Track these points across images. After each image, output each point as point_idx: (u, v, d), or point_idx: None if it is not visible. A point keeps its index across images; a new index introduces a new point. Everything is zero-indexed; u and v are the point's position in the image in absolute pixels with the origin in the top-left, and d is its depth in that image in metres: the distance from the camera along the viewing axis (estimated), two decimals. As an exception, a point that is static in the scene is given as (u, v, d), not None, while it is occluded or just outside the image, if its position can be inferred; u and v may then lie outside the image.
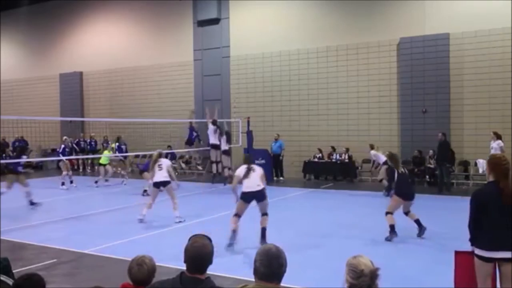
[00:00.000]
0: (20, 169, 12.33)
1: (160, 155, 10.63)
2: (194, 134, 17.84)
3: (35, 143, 21.36)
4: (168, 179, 10.20)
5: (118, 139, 18.07)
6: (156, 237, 8.77)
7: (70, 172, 16.26)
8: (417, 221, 8.53)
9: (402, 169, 8.73)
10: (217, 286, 2.75)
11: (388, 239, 8.34)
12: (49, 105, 24.75)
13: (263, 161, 15.63)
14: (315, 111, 18.24)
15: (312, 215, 11.06)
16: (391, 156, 9.05)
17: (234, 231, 7.94)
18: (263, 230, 8.02)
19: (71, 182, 16.01)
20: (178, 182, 10.72)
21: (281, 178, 17.42)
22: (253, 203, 8.14)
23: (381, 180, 13.71)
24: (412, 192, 8.70)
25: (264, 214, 8.15)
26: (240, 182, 8.09)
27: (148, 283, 3.07)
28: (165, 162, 10.46)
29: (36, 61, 25.97)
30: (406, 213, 8.69)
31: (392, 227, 8.42)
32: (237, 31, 19.78)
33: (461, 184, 15.43)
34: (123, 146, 18.32)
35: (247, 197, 8.04)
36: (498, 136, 13.04)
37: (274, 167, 17.26)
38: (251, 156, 9.20)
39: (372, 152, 14.65)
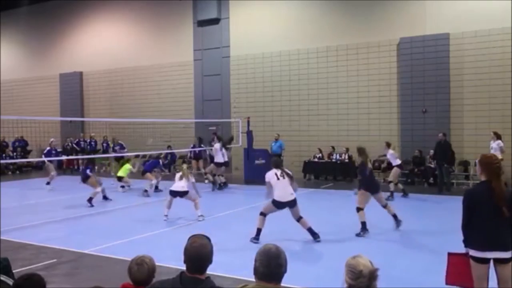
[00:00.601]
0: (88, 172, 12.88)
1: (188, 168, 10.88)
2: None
3: (35, 143, 21.36)
4: (185, 189, 10.14)
5: (113, 140, 17.98)
6: (156, 237, 8.76)
7: (55, 173, 16.14)
8: (395, 215, 9.07)
9: (369, 164, 9.23)
10: (217, 286, 2.75)
11: (359, 235, 8.60)
12: (49, 105, 24.75)
13: (263, 161, 15.62)
14: (315, 111, 18.24)
15: (312, 215, 11.01)
16: (363, 151, 9.13)
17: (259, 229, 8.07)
18: (310, 230, 8.13)
19: (48, 183, 15.77)
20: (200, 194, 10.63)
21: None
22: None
23: (390, 182, 13.11)
24: (378, 185, 9.23)
25: (300, 218, 8.17)
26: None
27: (148, 283, 3.07)
28: (191, 179, 10.35)
29: (36, 61, 25.97)
30: (384, 206, 9.17)
31: (363, 224, 8.75)
32: (237, 31, 19.78)
33: (461, 184, 15.43)
34: (116, 147, 18.25)
35: (279, 205, 8.09)
36: (498, 136, 13.03)
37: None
38: (279, 159, 8.94)
39: (390, 151, 13.43)
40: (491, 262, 4.18)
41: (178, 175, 10.43)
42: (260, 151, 16.77)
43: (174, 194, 10.15)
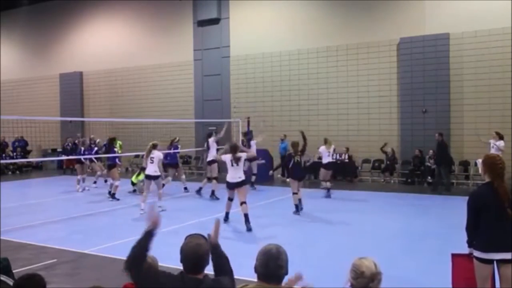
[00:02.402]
0: (117, 161, 13.57)
1: (154, 147, 10.85)
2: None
3: (35, 143, 21.36)
4: (158, 173, 10.72)
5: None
6: (156, 237, 8.74)
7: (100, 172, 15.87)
8: (300, 200, 10.83)
9: (298, 158, 10.82)
10: (216, 279, 2.74)
11: (295, 213, 10.65)
12: (49, 105, 24.74)
13: (263, 161, 15.60)
14: (315, 111, 18.24)
15: (311, 215, 11.05)
16: (294, 144, 11.04)
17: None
18: (246, 216, 9.09)
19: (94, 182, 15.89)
20: (168, 177, 11.25)
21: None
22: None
23: (322, 181, 14.03)
24: (303, 175, 11.16)
25: (242, 202, 9.18)
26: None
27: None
28: (157, 156, 10.78)
29: (36, 61, 25.96)
30: (296, 192, 10.78)
31: (296, 206, 10.78)
32: (237, 31, 19.78)
33: (461, 184, 15.44)
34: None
35: (229, 185, 9.46)
36: (501, 137, 13.05)
37: (282, 168, 16.61)
38: (235, 145, 9.87)
39: (322, 147, 13.64)
40: (495, 263, 4.18)
41: (148, 158, 10.80)
42: (260, 151, 16.73)
43: (149, 178, 10.77)
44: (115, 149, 13.73)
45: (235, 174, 9.31)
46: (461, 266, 4.34)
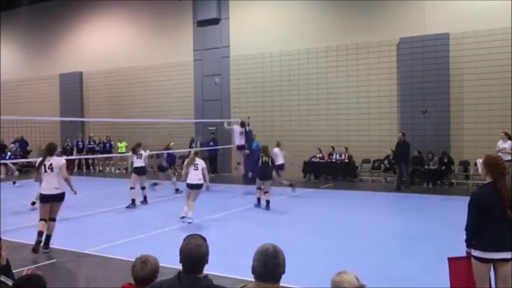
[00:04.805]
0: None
1: (196, 155, 10.37)
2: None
3: (35, 143, 21.32)
4: (201, 182, 10.00)
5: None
6: (156, 237, 8.76)
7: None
8: (268, 202, 11.47)
9: (266, 158, 11.97)
10: (215, 284, 2.74)
11: (256, 206, 11.65)
12: (49, 105, 24.73)
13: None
14: (315, 111, 18.24)
15: (312, 215, 11.06)
16: (264, 147, 12.54)
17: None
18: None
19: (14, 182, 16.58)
20: (208, 184, 10.38)
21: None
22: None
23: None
24: (268, 175, 11.90)
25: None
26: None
27: (149, 283, 3.07)
28: (201, 163, 10.17)
29: (36, 61, 25.96)
30: (265, 192, 11.61)
31: (259, 200, 11.74)
32: (237, 31, 19.78)
33: (461, 184, 15.44)
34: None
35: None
36: (510, 137, 13.12)
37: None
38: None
39: (275, 148, 14.59)
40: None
41: (192, 165, 10.08)
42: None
43: (191, 187, 10.00)
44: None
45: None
46: (459, 269, 4.33)
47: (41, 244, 7.66)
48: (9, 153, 19.13)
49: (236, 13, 19.80)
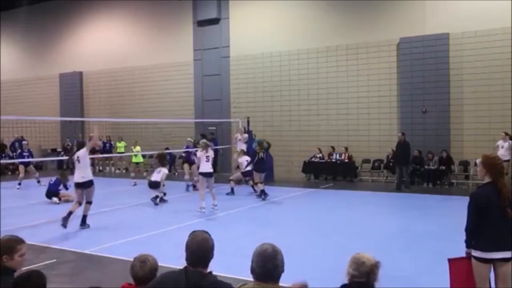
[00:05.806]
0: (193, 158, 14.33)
1: (208, 145, 11.16)
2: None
3: (35, 143, 21.34)
4: (212, 171, 11.04)
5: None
6: (156, 237, 8.76)
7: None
8: (263, 191, 12.56)
9: (262, 154, 12.98)
10: (220, 280, 2.75)
11: (263, 199, 12.44)
12: (49, 105, 24.74)
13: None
14: (315, 111, 18.24)
15: (312, 215, 11.06)
16: (260, 143, 13.28)
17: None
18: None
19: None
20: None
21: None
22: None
23: (230, 180, 14.51)
24: (262, 169, 13.03)
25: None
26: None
27: (148, 282, 3.06)
28: (211, 155, 11.11)
29: (36, 61, 25.97)
30: (261, 183, 12.65)
31: (262, 191, 12.59)
32: (237, 31, 19.78)
33: (461, 184, 15.44)
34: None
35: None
36: (511, 137, 13.13)
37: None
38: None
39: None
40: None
41: (204, 156, 10.95)
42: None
43: (205, 175, 10.95)
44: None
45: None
46: (459, 270, 4.33)
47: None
48: (24, 153, 17.05)
49: (236, 13, 19.81)
